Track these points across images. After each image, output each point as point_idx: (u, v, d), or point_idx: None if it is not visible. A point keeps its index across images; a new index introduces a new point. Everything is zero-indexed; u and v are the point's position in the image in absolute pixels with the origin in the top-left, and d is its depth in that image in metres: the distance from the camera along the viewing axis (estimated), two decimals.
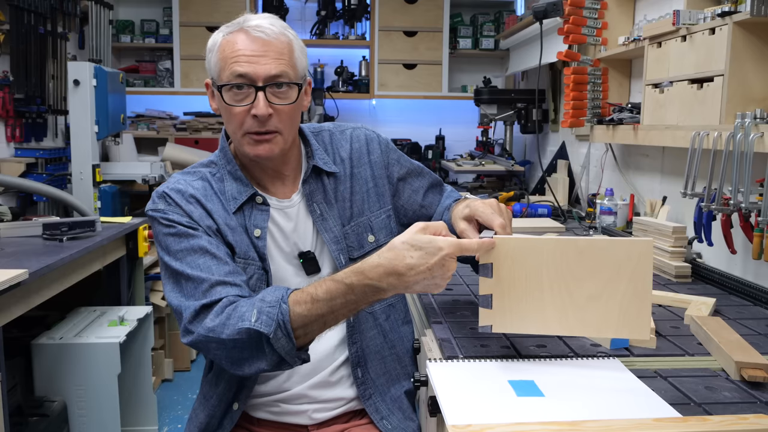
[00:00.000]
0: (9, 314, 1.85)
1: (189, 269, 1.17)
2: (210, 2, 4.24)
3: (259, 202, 1.28)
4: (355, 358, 1.32)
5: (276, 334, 1.07)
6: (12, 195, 3.25)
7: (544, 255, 1.07)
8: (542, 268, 1.07)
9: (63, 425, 2.23)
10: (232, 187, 1.28)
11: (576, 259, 1.06)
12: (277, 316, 1.07)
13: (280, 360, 1.10)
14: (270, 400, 1.30)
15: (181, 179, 1.28)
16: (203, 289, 1.15)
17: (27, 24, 3.30)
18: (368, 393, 1.33)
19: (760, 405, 0.98)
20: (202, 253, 1.18)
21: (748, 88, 1.64)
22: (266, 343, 1.08)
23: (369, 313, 1.34)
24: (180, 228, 1.21)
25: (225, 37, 1.23)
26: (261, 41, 1.20)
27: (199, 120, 4.33)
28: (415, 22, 4.40)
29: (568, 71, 2.57)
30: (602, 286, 1.05)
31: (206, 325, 1.11)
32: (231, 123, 1.23)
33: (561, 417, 0.91)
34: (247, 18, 1.23)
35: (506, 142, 4.03)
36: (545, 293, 1.07)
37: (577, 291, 1.06)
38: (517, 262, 1.08)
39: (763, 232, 1.46)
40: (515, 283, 1.08)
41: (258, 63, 1.19)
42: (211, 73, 1.26)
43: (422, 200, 1.43)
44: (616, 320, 1.06)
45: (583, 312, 1.07)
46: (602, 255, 1.05)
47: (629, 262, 1.04)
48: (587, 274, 1.06)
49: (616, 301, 1.05)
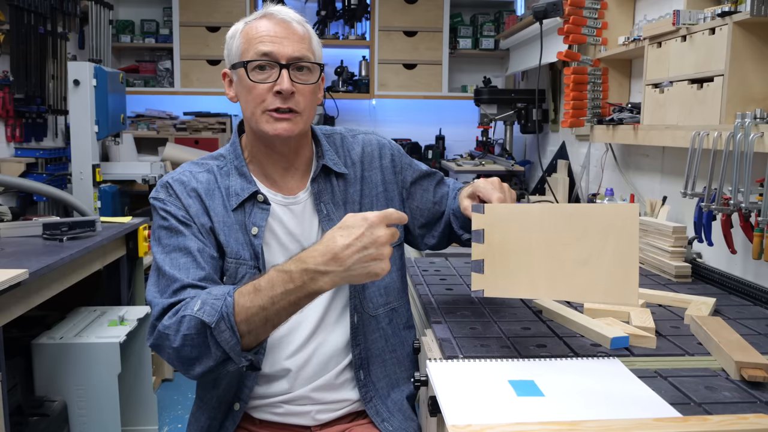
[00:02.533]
0: (9, 314, 1.86)
1: (168, 266, 1.18)
2: (210, 2, 4.24)
3: (260, 201, 1.28)
4: (358, 360, 1.32)
5: (219, 325, 1.06)
6: (12, 195, 3.25)
7: (532, 221, 1.10)
8: (531, 233, 1.09)
9: (63, 425, 2.23)
10: (236, 182, 1.29)
11: (564, 225, 1.08)
12: (221, 308, 1.07)
13: (225, 357, 1.08)
14: (274, 402, 1.30)
15: (188, 170, 1.30)
16: (174, 288, 1.16)
17: (27, 24, 3.30)
18: (369, 396, 1.33)
19: (760, 405, 0.98)
20: (185, 254, 1.20)
21: (748, 88, 1.64)
22: (210, 337, 1.07)
23: (372, 316, 1.34)
24: (173, 222, 1.23)
25: (248, 24, 1.27)
26: (284, 24, 1.24)
27: (199, 120, 4.33)
28: (415, 22, 4.40)
29: (568, 71, 2.57)
30: (589, 250, 1.06)
31: (164, 323, 1.12)
32: (251, 102, 1.24)
33: (561, 417, 0.91)
34: (268, 7, 1.28)
35: (506, 142, 4.03)
36: (534, 258, 1.09)
37: (565, 255, 1.08)
38: (506, 228, 1.11)
39: (763, 232, 1.46)
40: (505, 248, 1.11)
41: (282, 44, 1.23)
42: (230, 57, 1.28)
43: (433, 197, 1.46)
44: (604, 285, 1.06)
45: (570, 276, 1.08)
46: (589, 220, 1.07)
47: (615, 226, 1.05)
48: (575, 239, 1.07)
49: (603, 266, 1.06)
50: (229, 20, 4.09)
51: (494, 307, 1.46)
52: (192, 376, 1.13)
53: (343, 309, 1.33)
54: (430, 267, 1.87)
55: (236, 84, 1.28)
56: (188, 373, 1.13)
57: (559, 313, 1.37)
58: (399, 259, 1.41)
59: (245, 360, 1.09)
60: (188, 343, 1.09)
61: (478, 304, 1.48)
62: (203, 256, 1.21)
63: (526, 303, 1.50)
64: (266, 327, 1.08)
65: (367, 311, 1.34)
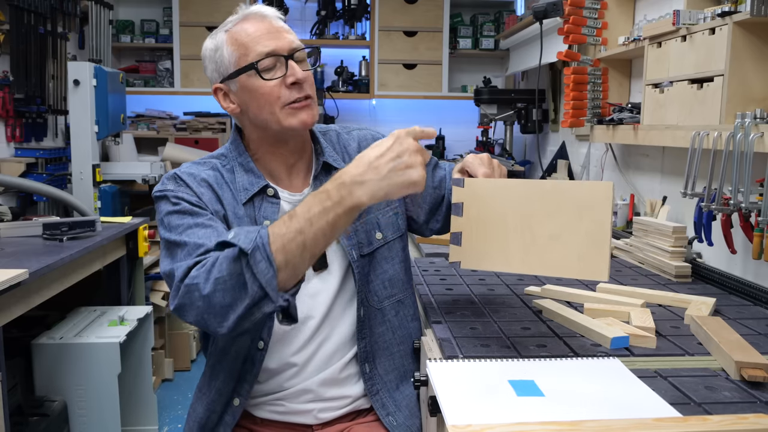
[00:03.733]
0: (9, 314, 1.85)
1: (188, 238, 1.14)
2: (210, 2, 4.24)
3: (270, 194, 1.28)
4: (364, 353, 1.32)
5: (254, 255, 1.00)
6: (12, 195, 3.25)
7: (510, 196, 1.12)
8: (507, 208, 1.12)
9: (63, 425, 2.23)
10: (243, 178, 1.29)
11: (540, 200, 1.10)
12: (255, 238, 1.02)
13: (262, 294, 1.02)
14: (275, 398, 1.30)
15: (193, 166, 1.30)
16: (199, 252, 1.11)
17: (27, 24, 3.30)
18: (375, 389, 1.33)
19: (760, 405, 0.98)
20: (204, 227, 1.16)
21: (748, 88, 1.64)
22: (246, 268, 1.01)
23: (378, 309, 1.34)
24: (185, 206, 1.20)
25: (229, 31, 1.26)
26: (268, 21, 1.25)
27: (199, 120, 4.33)
28: (415, 22, 4.40)
29: (568, 71, 2.57)
30: (562, 226, 1.08)
31: (191, 275, 1.07)
32: (267, 103, 1.23)
33: (561, 417, 0.91)
34: (245, 10, 1.28)
35: (506, 142, 4.03)
36: (509, 232, 1.12)
37: (539, 231, 1.10)
38: (484, 202, 1.13)
39: (763, 232, 1.46)
40: (482, 222, 1.13)
41: (278, 38, 1.23)
42: (222, 70, 1.26)
43: (433, 182, 1.47)
44: (576, 261, 1.08)
45: (543, 251, 1.09)
46: (565, 197, 1.08)
47: (589, 203, 1.06)
48: (549, 214, 1.09)
49: (576, 242, 1.07)
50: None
51: (494, 307, 1.46)
52: (226, 329, 1.05)
53: (349, 302, 1.33)
54: (430, 267, 1.87)
55: (239, 92, 1.26)
56: (221, 325, 1.05)
57: (559, 313, 1.37)
58: (402, 251, 1.41)
59: (282, 299, 1.03)
60: (220, 287, 1.03)
61: (478, 304, 1.49)
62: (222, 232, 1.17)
63: (526, 303, 1.50)
64: (303, 255, 1.02)
65: (372, 304, 1.34)
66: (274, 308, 1.04)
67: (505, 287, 1.65)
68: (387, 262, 1.37)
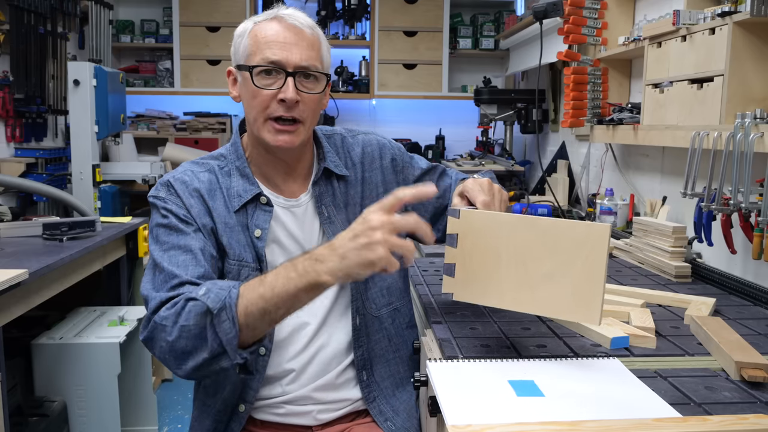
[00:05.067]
0: (9, 314, 1.86)
1: (167, 263, 1.16)
2: (210, 2, 4.23)
3: (263, 203, 1.27)
4: (361, 361, 1.32)
5: (220, 314, 1.04)
6: (12, 195, 3.25)
7: (505, 231, 1.10)
8: (502, 242, 1.10)
9: (63, 425, 2.23)
10: (238, 183, 1.27)
11: (535, 238, 1.09)
12: (225, 297, 1.05)
13: (221, 350, 1.05)
14: (275, 402, 1.30)
15: (189, 170, 1.28)
16: (173, 284, 1.14)
17: (27, 24, 3.30)
18: (372, 396, 1.33)
19: (760, 405, 0.98)
20: (185, 251, 1.18)
21: (748, 88, 1.64)
22: (209, 326, 1.05)
23: (375, 317, 1.34)
24: (173, 220, 1.21)
25: (257, 24, 1.24)
26: (294, 29, 1.22)
27: (199, 120, 4.33)
28: (415, 22, 4.40)
29: (568, 71, 2.57)
30: (557, 266, 1.07)
31: (160, 314, 1.10)
32: (254, 107, 1.22)
33: (561, 417, 0.91)
34: (280, 8, 1.25)
35: (506, 142, 4.03)
36: (503, 268, 1.10)
37: (534, 268, 1.09)
38: (479, 234, 1.12)
39: (763, 232, 1.46)
40: (476, 254, 1.12)
41: (290, 51, 1.21)
42: (237, 57, 1.26)
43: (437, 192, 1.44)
44: (569, 301, 1.07)
45: (537, 290, 1.09)
46: (561, 236, 1.07)
47: (585, 245, 1.06)
48: (544, 253, 1.08)
49: (569, 283, 1.07)
50: (229, 20, 4.14)
51: (494, 308, 1.46)
52: (183, 372, 1.10)
53: (345, 310, 1.33)
54: (430, 267, 1.87)
55: (240, 85, 1.26)
56: (179, 368, 1.10)
57: None
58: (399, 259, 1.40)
59: (240, 357, 1.07)
60: (185, 334, 1.07)
61: (478, 305, 1.48)
62: (204, 255, 1.19)
63: None
64: (264, 320, 1.05)
65: (369, 312, 1.34)
66: (231, 365, 1.07)
67: None
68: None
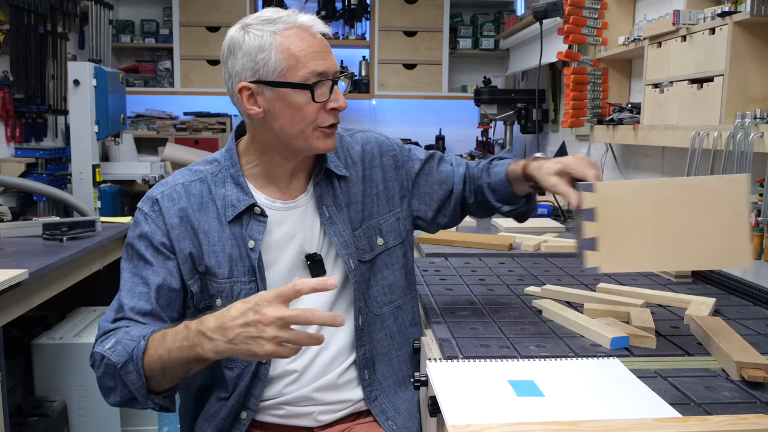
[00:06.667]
0: (9, 314, 1.86)
1: (126, 290, 1.21)
2: (210, 2, 4.23)
3: (257, 213, 1.26)
4: (363, 360, 1.32)
5: (126, 366, 1.09)
6: (12, 195, 3.25)
7: (644, 196, 1.15)
8: (643, 208, 1.14)
9: (63, 425, 2.23)
10: (232, 193, 1.26)
11: (675, 198, 1.14)
12: (133, 349, 1.09)
13: (131, 395, 1.11)
14: (275, 403, 1.29)
15: (180, 182, 1.27)
16: (117, 316, 1.19)
17: (27, 24, 3.30)
18: (374, 395, 1.32)
19: (760, 405, 0.98)
20: (144, 284, 1.20)
21: (748, 88, 1.64)
22: (117, 375, 1.10)
23: (377, 315, 1.34)
24: (142, 247, 1.23)
25: (279, 35, 1.18)
26: (320, 38, 1.22)
27: (199, 120, 4.33)
28: (415, 22, 4.40)
29: (568, 71, 2.57)
30: (702, 220, 1.13)
31: (95, 348, 1.16)
32: (299, 121, 1.20)
33: (561, 417, 0.91)
34: (293, 15, 1.21)
35: (506, 142, 4.03)
36: (647, 232, 1.15)
37: (679, 227, 1.13)
38: (619, 204, 1.15)
39: (763, 232, 1.46)
40: (619, 224, 1.15)
41: (327, 58, 1.21)
42: (263, 72, 1.18)
43: (438, 179, 1.43)
44: (717, 252, 1.13)
45: (684, 247, 1.14)
46: (700, 192, 1.13)
47: (725, 196, 1.12)
48: (688, 210, 1.13)
49: (717, 233, 1.12)
50: (229, 20, 4.10)
51: (494, 307, 1.46)
52: (110, 404, 1.17)
53: (347, 309, 1.32)
54: (430, 267, 1.87)
55: (272, 100, 1.19)
56: (106, 400, 1.17)
57: (559, 313, 1.37)
58: (403, 257, 1.40)
59: (152, 403, 1.12)
60: (108, 372, 1.12)
61: (478, 304, 1.49)
62: (160, 292, 1.21)
63: (526, 303, 1.50)
64: (165, 377, 1.10)
65: (371, 310, 1.34)
66: (143, 409, 1.15)
67: (505, 287, 1.65)
68: (387, 268, 1.36)
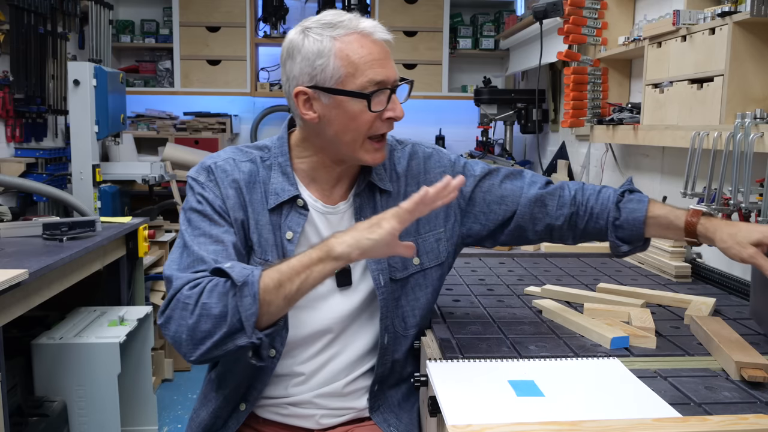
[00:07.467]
0: (9, 314, 1.85)
1: (197, 247, 1.16)
2: (210, 2, 4.23)
3: (300, 205, 1.25)
4: (380, 377, 1.30)
5: (243, 289, 1.05)
6: (12, 195, 3.25)
7: None
8: None
9: (63, 425, 2.23)
10: (278, 181, 1.25)
11: None
12: (248, 275, 1.07)
13: (239, 325, 1.05)
14: (279, 403, 1.29)
15: (231, 158, 1.26)
16: (199, 269, 1.14)
17: (27, 24, 3.30)
18: (377, 404, 1.32)
19: (760, 405, 0.98)
20: (216, 242, 1.17)
21: (748, 88, 1.64)
22: (231, 299, 1.06)
23: (403, 336, 1.31)
24: (207, 209, 1.20)
25: (339, 41, 1.17)
26: (381, 44, 1.19)
27: (199, 120, 4.33)
28: (415, 22, 4.40)
29: (568, 71, 2.57)
30: None
31: (183, 293, 1.10)
32: (353, 129, 1.19)
33: (561, 417, 0.91)
34: (355, 20, 1.20)
35: (506, 142, 4.03)
36: None
37: None
38: None
39: None
40: None
41: (387, 67, 1.19)
42: (321, 78, 1.17)
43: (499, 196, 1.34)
44: None
45: None
46: None
47: None
48: None
49: None
50: (229, 20, 4.14)
51: (494, 307, 1.46)
52: (196, 354, 1.08)
53: (367, 322, 1.30)
54: None
55: (328, 107, 1.18)
56: (194, 350, 1.08)
57: (559, 313, 1.37)
58: (438, 280, 1.35)
59: (255, 337, 1.06)
60: (205, 313, 1.06)
61: (478, 304, 1.49)
62: (235, 250, 1.18)
63: (526, 303, 1.50)
64: (278, 293, 1.07)
65: (398, 331, 1.31)
66: (247, 343, 1.07)
67: (505, 287, 1.65)
68: (420, 290, 1.32)
